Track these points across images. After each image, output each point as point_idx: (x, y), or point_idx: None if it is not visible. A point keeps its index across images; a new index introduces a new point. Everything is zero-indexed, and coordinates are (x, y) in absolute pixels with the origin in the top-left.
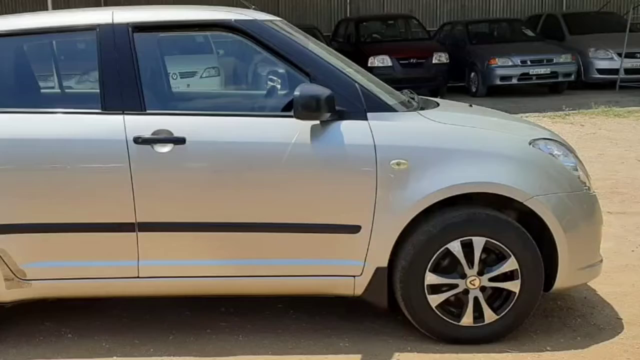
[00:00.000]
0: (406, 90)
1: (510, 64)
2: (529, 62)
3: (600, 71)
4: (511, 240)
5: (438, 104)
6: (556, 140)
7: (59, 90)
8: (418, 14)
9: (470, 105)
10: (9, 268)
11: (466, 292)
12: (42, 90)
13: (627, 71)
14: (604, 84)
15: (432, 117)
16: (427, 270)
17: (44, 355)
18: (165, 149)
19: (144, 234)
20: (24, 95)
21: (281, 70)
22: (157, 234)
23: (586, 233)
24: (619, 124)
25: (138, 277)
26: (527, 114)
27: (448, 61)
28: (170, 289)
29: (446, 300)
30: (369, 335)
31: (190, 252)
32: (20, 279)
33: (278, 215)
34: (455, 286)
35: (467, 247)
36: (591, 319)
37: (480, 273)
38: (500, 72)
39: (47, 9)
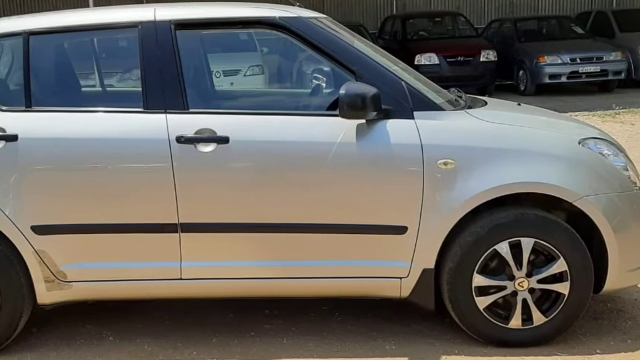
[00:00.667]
0: (453, 89)
1: (559, 62)
2: (578, 60)
3: None
4: (560, 241)
5: (486, 103)
6: (606, 140)
7: (100, 89)
8: (465, 11)
9: (519, 104)
10: (49, 269)
11: (514, 294)
12: (83, 89)
13: None
14: None
15: (479, 116)
16: (474, 272)
17: (85, 359)
18: (208, 148)
19: (187, 234)
20: (64, 93)
21: (326, 69)
22: (200, 235)
23: (637, 234)
24: None
25: (180, 278)
26: (576, 113)
27: (496, 59)
28: (213, 290)
29: (494, 302)
30: (415, 338)
31: (233, 254)
32: (61, 280)
33: (323, 216)
34: (503, 288)
35: (516, 248)
36: None
37: (529, 275)
38: (549, 70)
39: (88, 6)
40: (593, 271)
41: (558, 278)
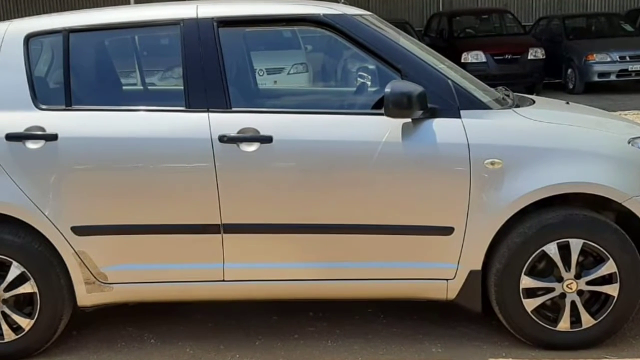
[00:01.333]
0: (501, 87)
1: (608, 60)
2: (627, 58)
3: None
4: (609, 242)
5: (534, 102)
6: None
7: (142, 87)
8: (513, 8)
9: (567, 103)
10: (90, 271)
11: (563, 295)
12: (124, 87)
13: None
14: None
15: (527, 115)
16: (522, 273)
17: None
18: (252, 147)
19: (230, 235)
20: (105, 92)
21: (371, 67)
22: (242, 236)
23: None
24: None
25: (223, 280)
26: (625, 112)
27: (544, 57)
28: (256, 292)
29: (542, 305)
30: (462, 340)
31: (277, 255)
32: (101, 282)
33: (368, 217)
34: (551, 290)
35: (564, 250)
36: None
37: (578, 276)
38: (598, 68)
39: (129, 3)
40: None
41: (607, 280)
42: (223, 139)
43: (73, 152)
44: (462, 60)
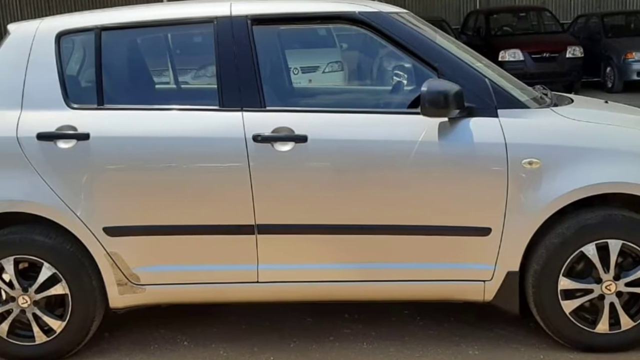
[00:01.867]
0: (538, 86)
1: None
2: None
3: None
4: None
5: (572, 100)
6: None
7: (175, 86)
8: (551, 5)
9: (606, 102)
10: (122, 272)
11: (601, 297)
12: (157, 86)
13: None
14: None
15: (565, 114)
16: (560, 275)
17: None
18: (286, 147)
19: (264, 236)
20: (138, 91)
21: (407, 65)
22: (277, 237)
23: None
24: None
25: (257, 281)
26: None
27: (582, 55)
28: (290, 294)
29: (580, 306)
30: (499, 343)
31: (312, 256)
32: (134, 283)
33: (404, 217)
34: (590, 291)
35: (603, 250)
36: None
37: (617, 278)
38: (637, 66)
39: (161, 0)
40: None
41: None
42: (257, 138)
43: (105, 152)
44: (500, 59)
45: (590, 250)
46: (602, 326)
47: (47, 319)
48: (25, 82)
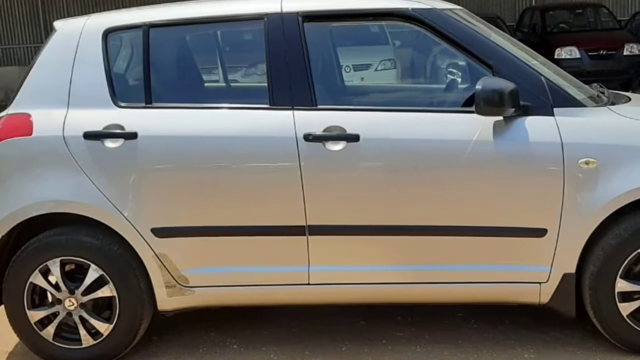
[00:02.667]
0: (595, 84)
1: None
2: None
3: None
4: None
5: (629, 99)
6: None
7: (224, 84)
8: (608, 2)
9: None
10: (171, 274)
11: None
12: (206, 84)
13: None
14: None
15: (623, 112)
16: (617, 277)
17: None
18: (338, 146)
19: (315, 237)
20: (186, 89)
21: (461, 63)
22: (328, 238)
23: None
24: None
25: (308, 284)
26: None
27: None
28: (342, 296)
29: (638, 309)
30: (555, 346)
31: (364, 257)
32: (183, 285)
33: (458, 218)
34: None
35: None
36: None
37: None
38: None
39: None
40: None
41: None
42: (308, 137)
43: (153, 151)
44: (556, 56)
45: None
46: None
47: (94, 321)
48: (72, 80)
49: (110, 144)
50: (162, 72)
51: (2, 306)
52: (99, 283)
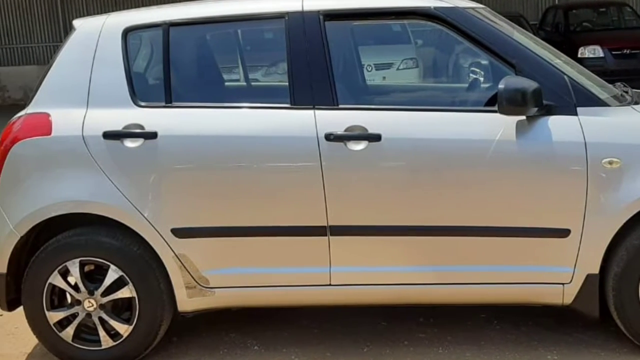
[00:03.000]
0: (619, 83)
1: None
2: None
3: None
4: None
5: None
6: None
7: (245, 83)
8: (632, 1)
9: None
10: (191, 275)
11: None
12: (227, 83)
13: None
14: None
15: None
16: None
17: None
18: (359, 146)
19: (336, 238)
20: (207, 88)
21: (484, 62)
22: (350, 238)
23: None
24: None
25: (330, 284)
26: None
27: None
28: (364, 297)
29: None
30: (578, 347)
31: (386, 258)
32: (203, 286)
33: (480, 218)
34: None
35: None
36: None
37: None
38: None
39: None
40: None
41: None
42: (330, 137)
43: (173, 151)
44: (579, 55)
45: None
46: None
47: (113, 322)
48: (91, 79)
49: (130, 143)
50: (182, 71)
51: (21, 307)
52: (118, 284)
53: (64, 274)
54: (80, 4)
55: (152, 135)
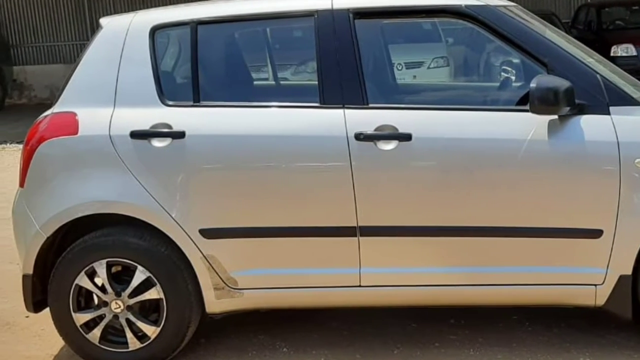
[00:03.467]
0: None
1: None
2: None
3: None
4: None
5: None
6: None
7: (273, 82)
8: None
9: None
10: (219, 276)
11: None
12: (255, 82)
13: None
14: None
15: None
16: None
17: None
18: (390, 146)
19: (366, 238)
20: (235, 87)
21: (516, 61)
22: (380, 239)
23: None
24: None
25: (359, 286)
26: None
27: None
28: (394, 298)
29: None
30: (611, 349)
31: (416, 259)
32: (231, 287)
33: (512, 219)
34: None
35: None
36: None
37: None
38: None
39: None
40: None
41: None
42: (359, 136)
43: (201, 151)
44: (612, 54)
45: None
46: None
47: (141, 324)
48: (119, 78)
49: (157, 143)
50: (210, 70)
51: (48, 309)
52: (146, 285)
53: (91, 275)
54: (107, 2)
55: (180, 135)
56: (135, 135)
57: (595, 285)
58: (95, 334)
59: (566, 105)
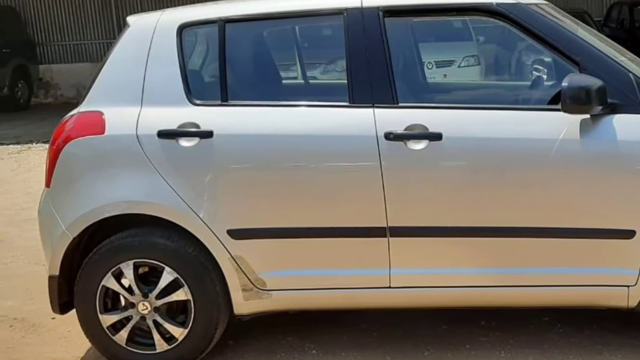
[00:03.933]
0: None
1: None
2: None
3: None
4: None
5: None
6: None
7: (302, 81)
8: None
9: None
10: (247, 277)
11: None
12: (284, 81)
13: None
14: None
15: None
16: None
17: None
18: (420, 145)
19: (396, 239)
20: (263, 86)
21: (547, 59)
22: (410, 240)
23: None
24: None
25: (389, 287)
26: None
27: None
28: (424, 300)
29: None
30: None
31: (446, 260)
32: (260, 289)
33: (543, 219)
34: None
35: None
36: None
37: None
38: None
39: None
40: None
41: None
42: (389, 136)
43: (229, 150)
44: None
45: None
46: None
47: (168, 326)
48: (146, 77)
49: (185, 142)
50: (239, 68)
51: (74, 310)
52: (173, 286)
53: (118, 276)
54: (135, 0)
55: (208, 134)
56: (163, 134)
57: (628, 286)
58: (122, 336)
59: (598, 104)
